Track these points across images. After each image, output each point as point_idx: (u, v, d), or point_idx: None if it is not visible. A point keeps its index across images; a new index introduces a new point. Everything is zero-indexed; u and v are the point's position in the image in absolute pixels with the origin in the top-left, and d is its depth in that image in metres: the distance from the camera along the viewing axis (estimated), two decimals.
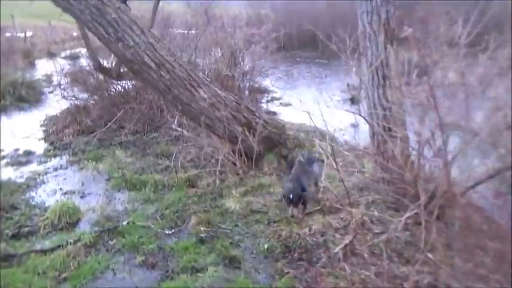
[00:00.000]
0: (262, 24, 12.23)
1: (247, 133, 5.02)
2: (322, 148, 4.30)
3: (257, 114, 5.25)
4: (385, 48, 3.73)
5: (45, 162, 6.06)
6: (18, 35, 18.63)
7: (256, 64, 9.36)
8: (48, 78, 12.67)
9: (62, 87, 8.51)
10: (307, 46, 20.95)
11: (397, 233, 3.40)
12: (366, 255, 3.38)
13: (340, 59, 15.29)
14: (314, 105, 9.46)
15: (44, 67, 14.46)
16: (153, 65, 4.28)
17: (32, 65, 16.69)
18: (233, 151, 5.06)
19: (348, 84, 11.71)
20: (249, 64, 9.27)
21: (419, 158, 3.62)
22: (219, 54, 8.46)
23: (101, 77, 8.10)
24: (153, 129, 7.33)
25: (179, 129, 5.55)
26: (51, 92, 10.55)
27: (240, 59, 8.70)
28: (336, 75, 14.26)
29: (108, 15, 3.92)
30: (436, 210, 3.15)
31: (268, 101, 9.82)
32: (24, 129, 7.68)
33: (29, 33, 19.30)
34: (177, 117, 5.87)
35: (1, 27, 17.19)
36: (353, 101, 9.98)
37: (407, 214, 3.26)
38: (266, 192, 4.70)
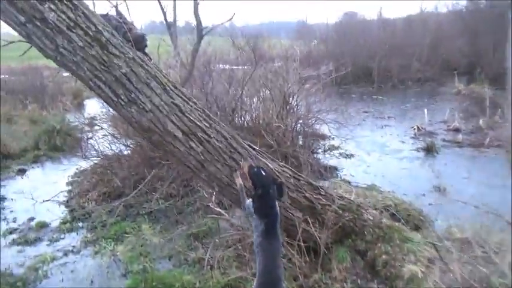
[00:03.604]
0: (315, 61, 11.01)
1: (309, 220, 3.62)
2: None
3: (323, 192, 3.82)
4: None
5: (57, 240, 4.95)
6: (65, 74, 18.71)
7: (311, 107, 8.03)
8: (91, 122, 12.18)
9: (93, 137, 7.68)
10: (361, 80, 19.46)
11: None
12: None
13: (399, 96, 13.60)
14: (381, 157, 7.93)
15: (93, 108, 13.97)
16: (179, 134, 3.04)
17: (80, 106, 16.61)
18: (290, 244, 3.65)
19: (417, 128, 10.01)
20: (302, 107, 7.95)
21: None
22: (269, 101, 7.20)
23: None
24: (189, 191, 6.13)
25: (218, 209, 4.23)
26: (90, 138, 9.88)
27: (294, 103, 7.40)
28: (399, 114, 12.58)
29: (117, 70, 2.75)
30: None
31: (325, 151, 8.37)
32: (48, 188, 6.80)
33: None
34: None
35: (39, 67, 17.33)
36: (429, 149, 8.26)
37: None
38: None
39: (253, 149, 3.53)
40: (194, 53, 6.42)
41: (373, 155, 8.17)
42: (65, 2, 2.57)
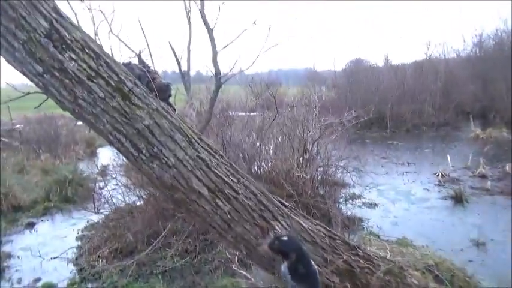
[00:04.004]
0: (327, 107, 10.89)
1: (348, 286, 3.19)
2: None
3: (361, 253, 3.42)
4: None
5: None
6: (79, 122, 18.78)
7: (330, 155, 7.73)
8: (104, 171, 12.02)
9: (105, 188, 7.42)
10: (373, 125, 19.21)
11: None
12: None
13: (415, 141, 13.21)
14: (407, 207, 7.46)
15: (106, 156, 13.76)
16: (205, 192, 2.74)
17: (93, 154, 16.51)
18: None
19: (441, 175, 9.57)
20: (322, 155, 7.66)
21: None
22: (288, 148, 6.94)
23: None
24: (206, 246, 5.73)
25: (243, 273, 3.83)
26: (102, 188, 9.63)
27: (314, 151, 7.12)
28: (419, 160, 12.16)
29: (139, 122, 2.51)
30: None
31: (346, 200, 7.94)
32: (57, 244, 6.45)
33: None
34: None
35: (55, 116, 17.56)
36: (457, 198, 7.79)
37: None
38: None
39: (285, 206, 3.20)
40: (212, 101, 6.26)
41: (398, 205, 7.71)
42: (87, 51, 2.39)
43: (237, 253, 4.02)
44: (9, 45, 2.26)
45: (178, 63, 11.16)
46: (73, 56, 2.34)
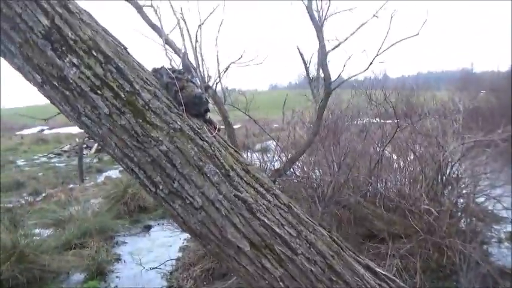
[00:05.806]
0: (484, 117, 8.71)
1: None
2: None
3: None
4: None
5: None
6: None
7: (478, 181, 5.96)
8: None
9: None
10: None
11: None
12: None
13: None
14: None
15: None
16: (245, 247, 1.93)
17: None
18: None
19: None
20: (466, 180, 5.95)
21: None
22: (417, 171, 5.54)
23: None
24: None
25: None
26: None
27: (455, 176, 5.53)
28: None
29: (154, 147, 1.85)
30: None
31: (500, 241, 6.01)
32: (162, 252, 6.45)
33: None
34: None
35: None
36: None
37: None
38: None
39: (374, 273, 2.14)
40: (321, 110, 5.37)
41: None
42: (94, 53, 1.84)
43: None
44: (7, 51, 1.87)
45: (306, 69, 10.45)
46: (75, 60, 1.81)
